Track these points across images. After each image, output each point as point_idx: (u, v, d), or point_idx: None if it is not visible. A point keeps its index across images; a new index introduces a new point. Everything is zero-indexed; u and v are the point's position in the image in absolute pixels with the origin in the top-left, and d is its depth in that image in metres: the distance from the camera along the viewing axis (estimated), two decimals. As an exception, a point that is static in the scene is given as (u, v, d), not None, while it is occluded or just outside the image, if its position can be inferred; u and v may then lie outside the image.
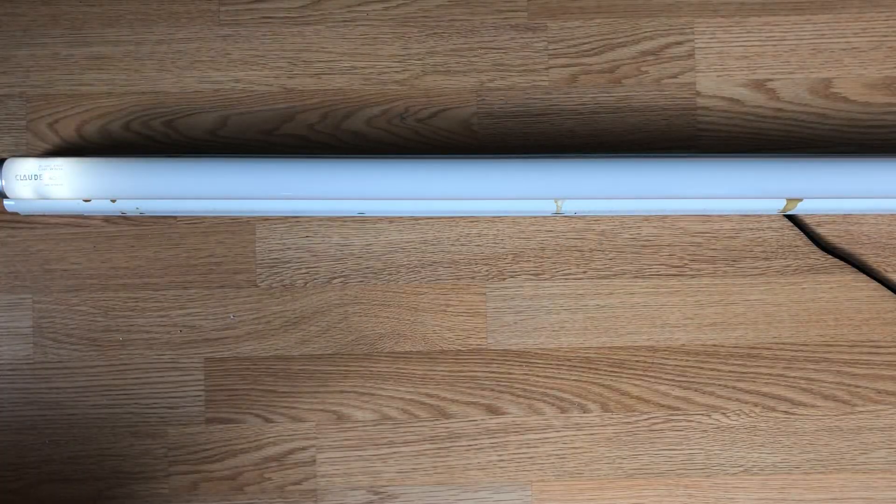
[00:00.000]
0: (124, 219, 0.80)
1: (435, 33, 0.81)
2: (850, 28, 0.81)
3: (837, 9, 0.82)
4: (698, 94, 0.81)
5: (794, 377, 0.80)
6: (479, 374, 0.80)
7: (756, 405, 0.80)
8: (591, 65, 0.81)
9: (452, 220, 0.81)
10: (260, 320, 0.80)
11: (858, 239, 0.81)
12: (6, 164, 0.74)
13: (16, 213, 0.78)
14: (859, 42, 0.81)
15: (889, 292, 0.80)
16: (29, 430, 0.80)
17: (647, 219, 0.80)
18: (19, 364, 0.80)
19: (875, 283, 0.80)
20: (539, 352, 0.80)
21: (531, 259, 0.80)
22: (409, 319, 0.80)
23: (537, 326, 0.80)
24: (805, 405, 0.80)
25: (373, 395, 0.80)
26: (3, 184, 0.74)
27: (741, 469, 0.80)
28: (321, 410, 0.80)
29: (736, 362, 0.80)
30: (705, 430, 0.80)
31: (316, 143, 0.81)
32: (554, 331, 0.80)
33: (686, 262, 0.80)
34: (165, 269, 0.80)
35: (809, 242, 0.80)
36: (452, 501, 0.80)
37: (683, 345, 0.80)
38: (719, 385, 0.80)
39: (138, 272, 0.80)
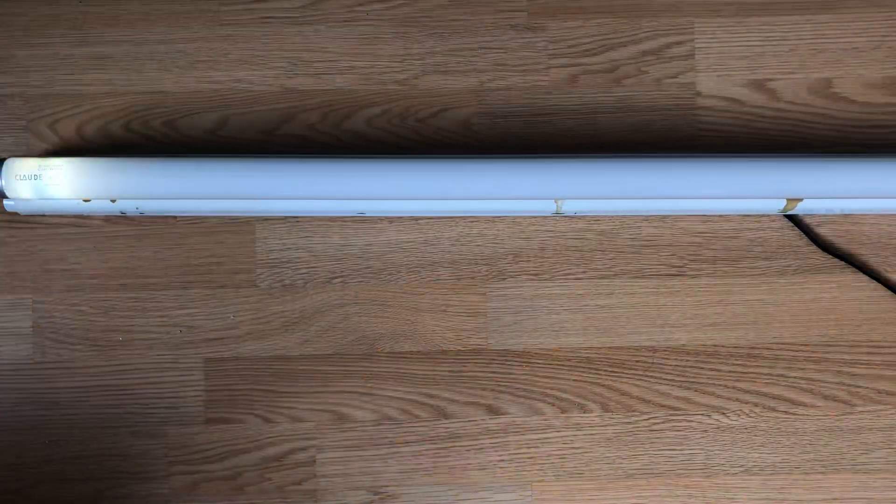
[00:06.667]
0: (124, 219, 0.80)
1: (435, 33, 0.81)
2: (850, 28, 0.81)
3: (837, 9, 0.82)
4: (699, 94, 0.81)
5: (794, 377, 0.80)
6: (479, 374, 0.80)
7: (756, 405, 0.80)
8: (591, 65, 0.81)
9: (452, 220, 0.81)
10: (260, 320, 0.80)
11: (858, 239, 0.81)
12: (6, 164, 0.74)
13: (16, 213, 0.78)
14: (859, 42, 0.81)
15: (889, 292, 0.80)
16: (29, 430, 0.80)
17: (647, 219, 0.80)
18: (19, 364, 0.80)
19: (875, 283, 0.80)
20: (539, 352, 0.80)
21: (531, 259, 0.80)
22: (409, 319, 0.80)
23: (537, 326, 0.80)
24: (805, 405, 0.80)
25: (373, 395, 0.80)
26: (3, 184, 0.74)
27: (741, 469, 0.80)
28: (321, 410, 0.80)
29: (736, 362, 0.80)
30: (705, 430, 0.80)
31: (316, 143, 0.81)
32: (554, 331, 0.80)
33: (686, 262, 0.80)
34: (165, 269, 0.80)
35: (809, 242, 0.80)
36: (452, 501, 0.80)
37: (683, 345, 0.80)
38: (719, 385, 0.80)
39: (138, 272, 0.80)
